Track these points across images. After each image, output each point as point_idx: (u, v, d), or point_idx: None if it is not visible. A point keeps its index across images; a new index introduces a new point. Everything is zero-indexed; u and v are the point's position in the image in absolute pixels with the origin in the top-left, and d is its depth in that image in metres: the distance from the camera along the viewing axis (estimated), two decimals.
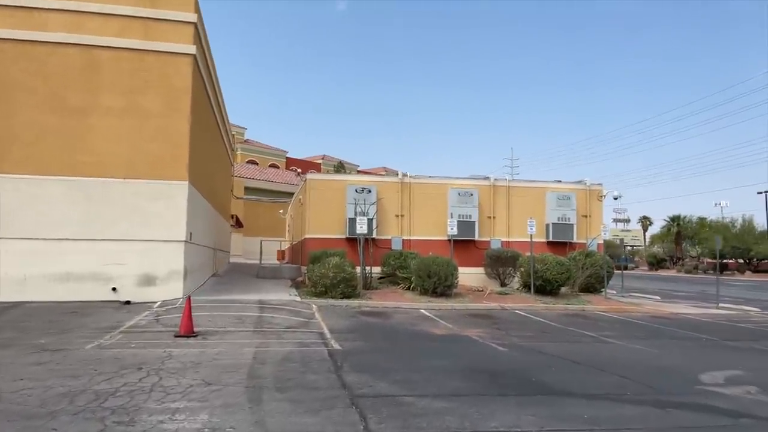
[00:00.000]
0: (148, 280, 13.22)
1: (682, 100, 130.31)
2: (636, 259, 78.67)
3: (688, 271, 60.21)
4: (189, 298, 9.81)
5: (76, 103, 13.19)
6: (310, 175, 20.21)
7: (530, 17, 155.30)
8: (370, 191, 19.35)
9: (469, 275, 20.12)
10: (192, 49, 13.81)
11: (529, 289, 17.37)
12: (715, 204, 72.82)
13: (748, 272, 54.20)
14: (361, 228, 15.68)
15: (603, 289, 19.03)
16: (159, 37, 13.66)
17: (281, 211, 36.37)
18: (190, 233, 14.15)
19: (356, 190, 19.28)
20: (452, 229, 16.67)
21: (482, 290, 17.73)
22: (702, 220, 69.68)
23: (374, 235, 19.27)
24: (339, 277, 14.90)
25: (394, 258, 18.27)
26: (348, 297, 15.04)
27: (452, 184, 20.49)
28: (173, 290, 13.40)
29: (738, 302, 20.95)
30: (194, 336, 9.38)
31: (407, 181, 20.32)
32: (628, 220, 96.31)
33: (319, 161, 64.79)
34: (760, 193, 59.21)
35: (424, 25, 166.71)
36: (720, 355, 9.84)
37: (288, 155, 60.72)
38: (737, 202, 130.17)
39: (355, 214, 17.04)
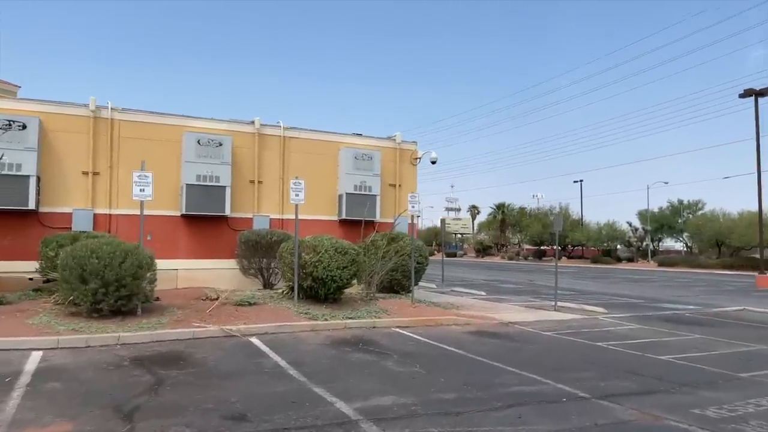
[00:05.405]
0: None
1: (497, 95, 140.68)
2: (465, 246, 79.03)
3: (510, 258, 60.50)
4: None
5: None
6: None
7: (373, 18, 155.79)
8: (24, 127, 10.95)
9: (217, 272, 12.92)
10: None
11: (298, 293, 10.70)
12: (533, 196, 75.81)
13: (564, 258, 55.38)
14: None
15: (411, 289, 13.08)
16: None
17: None
18: None
19: None
20: (142, 190, 9.07)
21: (217, 298, 10.60)
22: (522, 209, 71.58)
23: (34, 206, 10.99)
24: None
25: (55, 246, 10.24)
26: None
27: (190, 126, 12.93)
28: None
29: (573, 297, 16.81)
30: None
31: (108, 117, 12.26)
32: (459, 209, 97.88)
33: None
34: (576, 182, 61.39)
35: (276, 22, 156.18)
36: None
37: None
38: (558, 190, 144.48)
39: None
